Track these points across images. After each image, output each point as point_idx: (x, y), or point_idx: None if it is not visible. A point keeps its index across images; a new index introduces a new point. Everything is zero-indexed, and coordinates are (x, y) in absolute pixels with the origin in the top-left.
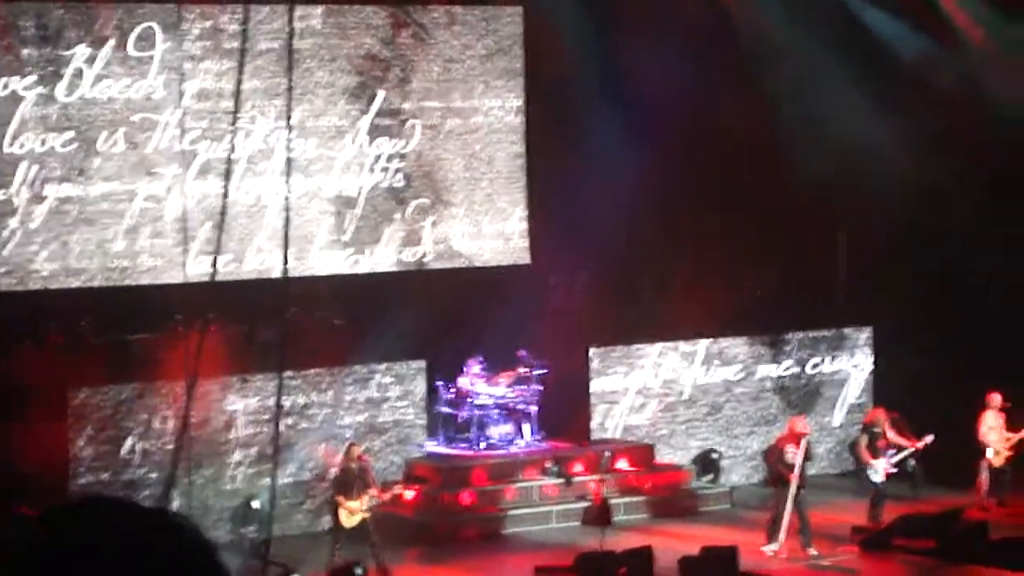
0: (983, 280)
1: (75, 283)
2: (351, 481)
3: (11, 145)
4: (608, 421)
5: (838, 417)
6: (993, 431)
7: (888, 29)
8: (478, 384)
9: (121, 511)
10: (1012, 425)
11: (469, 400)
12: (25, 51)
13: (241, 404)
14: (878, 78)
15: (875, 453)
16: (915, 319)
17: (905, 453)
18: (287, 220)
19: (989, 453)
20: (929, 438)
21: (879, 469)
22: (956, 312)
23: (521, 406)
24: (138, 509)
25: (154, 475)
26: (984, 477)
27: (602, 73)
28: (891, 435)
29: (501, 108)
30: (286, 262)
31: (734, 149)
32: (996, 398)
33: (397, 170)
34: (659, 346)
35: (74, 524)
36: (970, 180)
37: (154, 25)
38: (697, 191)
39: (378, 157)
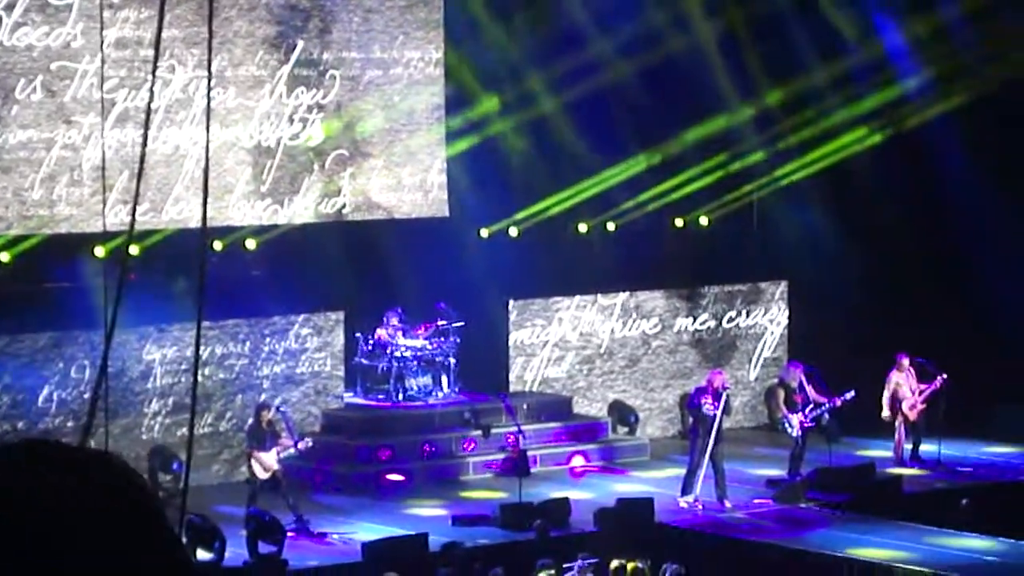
0: (899, 232)
1: None
2: (264, 433)
3: None
4: (526, 373)
5: (753, 371)
6: (901, 387)
7: None
8: (397, 336)
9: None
10: (923, 378)
11: (388, 352)
12: None
13: (159, 354)
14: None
15: (791, 407)
16: (830, 273)
17: (823, 408)
18: (206, 170)
19: (904, 407)
20: (849, 394)
21: (794, 423)
22: (870, 266)
23: (440, 358)
24: (75, 452)
25: (70, 424)
26: (901, 433)
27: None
28: (809, 390)
29: (421, 59)
30: (205, 212)
31: (651, 95)
32: (904, 361)
33: (316, 121)
34: (577, 299)
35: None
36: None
37: None
38: (618, 141)
39: (297, 107)
